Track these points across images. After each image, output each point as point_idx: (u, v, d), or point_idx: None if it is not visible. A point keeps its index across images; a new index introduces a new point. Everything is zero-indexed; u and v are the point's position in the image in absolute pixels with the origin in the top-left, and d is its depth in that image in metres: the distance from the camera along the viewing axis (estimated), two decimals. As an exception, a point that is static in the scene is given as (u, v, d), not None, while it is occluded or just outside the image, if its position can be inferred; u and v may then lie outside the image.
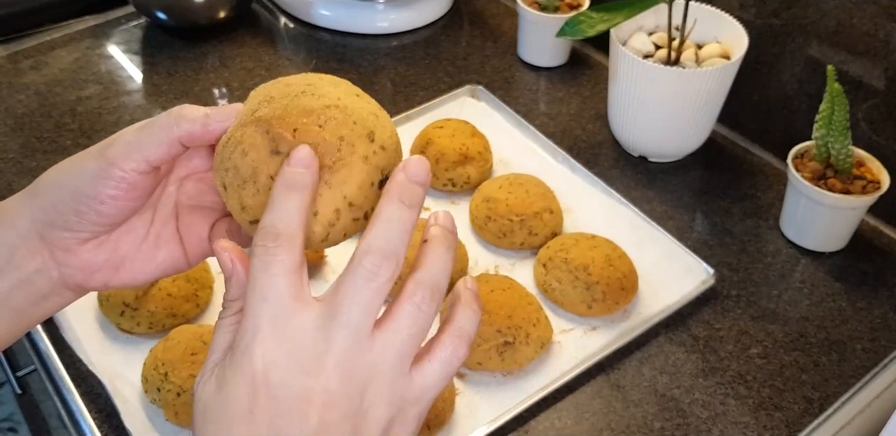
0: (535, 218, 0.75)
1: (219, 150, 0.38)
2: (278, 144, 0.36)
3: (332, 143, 0.36)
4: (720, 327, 0.71)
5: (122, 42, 1.04)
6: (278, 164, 0.35)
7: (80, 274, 0.40)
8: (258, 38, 1.05)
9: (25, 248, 0.39)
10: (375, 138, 0.37)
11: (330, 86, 0.38)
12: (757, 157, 0.88)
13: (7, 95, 0.95)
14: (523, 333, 0.65)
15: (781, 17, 0.80)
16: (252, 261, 0.34)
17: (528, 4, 0.95)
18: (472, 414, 0.64)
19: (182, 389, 0.60)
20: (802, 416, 0.65)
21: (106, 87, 0.97)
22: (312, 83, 0.38)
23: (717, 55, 0.81)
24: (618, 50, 0.79)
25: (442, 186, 0.82)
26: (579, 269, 0.69)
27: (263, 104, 0.37)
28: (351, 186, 0.37)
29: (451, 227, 0.38)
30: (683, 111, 0.80)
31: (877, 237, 0.79)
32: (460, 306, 0.38)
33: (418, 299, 0.36)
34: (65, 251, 0.39)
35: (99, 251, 0.40)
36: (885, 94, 0.75)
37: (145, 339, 0.68)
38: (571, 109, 0.94)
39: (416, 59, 1.02)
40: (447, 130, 0.82)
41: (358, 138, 0.36)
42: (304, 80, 0.39)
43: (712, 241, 0.79)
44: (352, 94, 0.38)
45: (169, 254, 0.43)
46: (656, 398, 0.66)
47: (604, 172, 0.85)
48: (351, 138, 0.36)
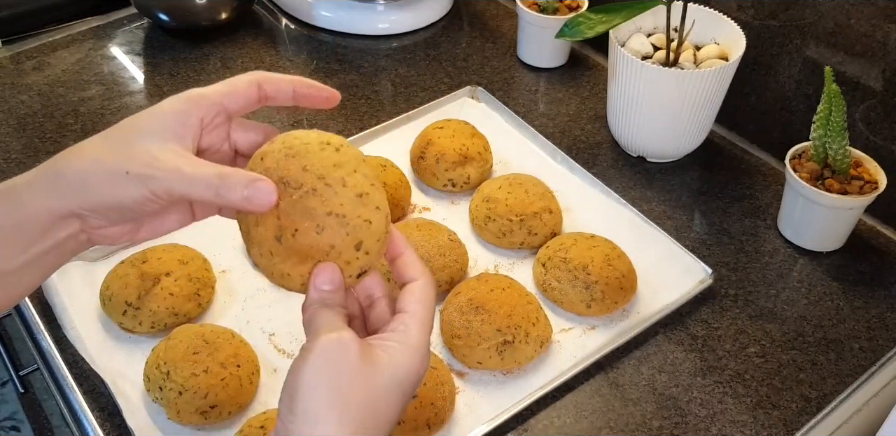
0: (534, 218, 0.75)
1: (240, 217, 0.45)
2: (282, 235, 0.43)
3: (324, 249, 0.43)
4: (718, 326, 0.72)
5: (125, 43, 1.05)
6: (277, 245, 0.43)
7: (107, 239, 0.45)
8: (259, 40, 1.06)
9: (60, 224, 0.42)
10: (362, 247, 0.43)
11: (346, 173, 0.43)
12: (755, 157, 0.89)
13: (10, 96, 0.95)
14: (523, 332, 0.65)
15: (779, 19, 0.81)
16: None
17: (528, 6, 0.95)
18: (471, 413, 0.64)
19: (184, 387, 0.61)
20: (800, 414, 0.65)
21: (108, 87, 0.97)
22: (325, 172, 0.43)
23: (716, 56, 0.82)
24: (617, 51, 0.79)
25: (442, 186, 0.82)
26: (578, 268, 0.70)
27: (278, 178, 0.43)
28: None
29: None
30: (682, 112, 0.80)
31: (874, 237, 0.79)
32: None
33: None
34: (96, 227, 0.43)
35: (125, 224, 0.45)
36: (883, 95, 0.75)
37: (147, 338, 0.69)
38: (570, 110, 0.95)
39: (416, 60, 1.03)
40: (447, 131, 0.82)
41: (346, 248, 0.43)
42: (321, 162, 0.43)
43: (710, 240, 0.79)
44: (361, 193, 0.43)
45: (180, 215, 0.47)
46: (655, 397, 0.66)
47: (603, 173, 0.86)
48: (340, 247, 0.43)
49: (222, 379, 0.62)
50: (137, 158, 0.41)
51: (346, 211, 0.42)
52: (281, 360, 0.68)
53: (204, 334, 0.64)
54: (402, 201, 0.79)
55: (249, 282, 0.74)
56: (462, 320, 0.66)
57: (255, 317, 0.71)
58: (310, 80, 0.47)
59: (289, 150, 0.43)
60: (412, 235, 0.72)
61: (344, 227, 0.42)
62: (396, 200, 0.78)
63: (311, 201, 0.42)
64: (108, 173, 0.41)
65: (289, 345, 0.69)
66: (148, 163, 0.41)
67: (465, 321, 0.66)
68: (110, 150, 0.42)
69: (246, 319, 0.71)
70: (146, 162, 0.41)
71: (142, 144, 0.41)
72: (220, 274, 0.74)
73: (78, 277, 0.72)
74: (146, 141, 0.42)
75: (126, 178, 0.41)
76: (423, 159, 0.82)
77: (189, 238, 0.76)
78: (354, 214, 0.43)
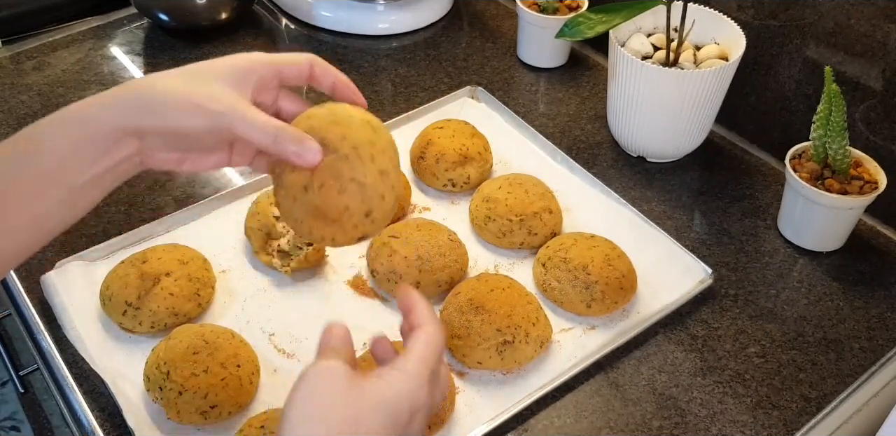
0: (534, 218, 0.75)
1: (276, 162, 0.50)
2: (309, 186, 0.48)
3: (339, 207, 0.48)
4: (718, 326, 0.72)
5: (125, 43, 1.05)
6: (303, 193, 0.49)
7: (156, 163, 0.49)
8: (259, 40, 1.06)
9: (122, 142, 0.47)
10: (371, 215, 0.49)
11: (377, 151, 0.49)
12: (755, 157, 0.89)
13: (10, 96, 0.96)
14: (523, 332, 0.65)
15: (779, 19, 0.81)
16: None
17: (528, 6, 0.95)
18: (471, 412, 0.64)
19: (183, 387, 0.61)
20: (800, 415, 0.65)
21: (108, 87, 0.96)
22: (360, 145, 0.48)
23: (716, 56, 0.82)
24: (617, 51, 0.79)
25: (442, 186, 0.82)
26: (578, 268, 0.70)
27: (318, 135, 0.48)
28: (336, 242, 0.51)
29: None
30: (682, 112, 0.80)
31: (874, 237, 0.79)
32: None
33: None
34: (152, 149, 0.48)
35: (176, 153, 0.50)
36: (883, 95, 0.75)
37: (147, 338, 0.69)
38: (570, 110, 0.95)
39: (417, 60, 1.03)
40: (447, 131, 0.82)
41: (357, 212, 0.49)
42: (359, 136, 0.49)
43: (710, 240, 0.79)
44: (383, 171, 0.49)
45: (219, 158, 0.52)
46: (655, 397, 0.66)
47: (603, 173, 0.86)
48: (353, 210, 0.48)
49: (222, 379, 0.62)
50: (209, 96, 0.47)
51: (367, 181, 0.48)
52: (281, 360, 0.68)
53: (204, 333, 0.64)
54: (402, 201, 0.79)
55: (249, 282, 0.74)
56: (462, 320, 0.66)
57: (255, 317, 0.71)
58: (350, 81, 0.53)
59: (334, 116, 0.49)
60: (412, 235, 0.72)
61: (361, 194, 0.48)
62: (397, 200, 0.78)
63: (342, 165, 0.48)
64: (182, 102, 0.47)
65: (289, 345, 0.69)
66: (218, 100, 0.47)
67: (465, 321, 0.66)
68: (185, 83, 0.48)
69: (246, 319, 0.71)
70: (216, 99, 0.47)
71: (213, 84, 0.48)
72: (220, 274, 0.74)
73: (78, 277, 0.72)
74: (217, 83, 0.48)
75: (196, 108, 0.47)
76: (423, 159, 0.82)
77: (189, 238, 0.76)
78: (373, 186, 0.49)
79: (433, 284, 0.71)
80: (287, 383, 0.66)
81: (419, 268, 0.70)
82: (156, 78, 0.48)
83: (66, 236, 0.77)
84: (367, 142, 0.49)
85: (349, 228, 0.49)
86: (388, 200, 0.50)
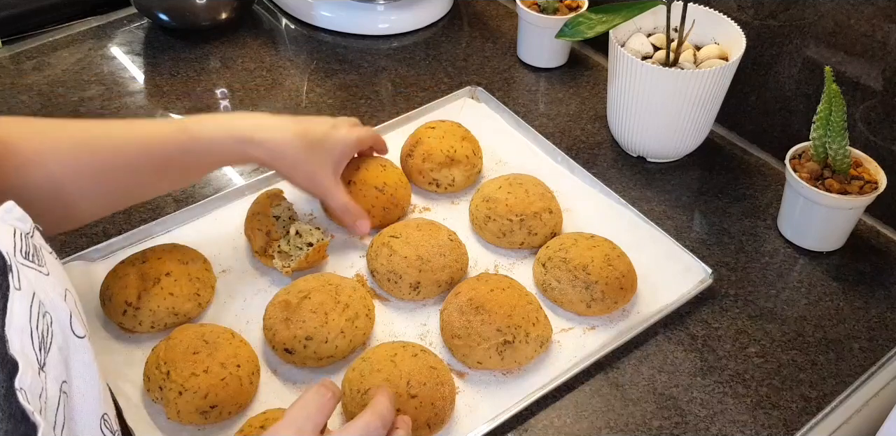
0: (534, 218, 0.75)
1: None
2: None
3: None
4: (718, 326, 0.72)
5: (125, 43, 1.05)
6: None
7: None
8: (259, 40, 1.06)
9: (232, 154, 0.69)
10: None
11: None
12: (755, 157, 0.89)
13: (10, 96, 0.96)
14: (523, 332, 0.65)
15: (779, 19, 0.81)
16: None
17: (528, 6, 0.95)
18: (472, 412, 0.64)
19: (183, 387, 0.61)
20: (800, 415, 0.65)
21: (108, 87, 0.97)
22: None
23: (716, 56, 0.82)
24: (617, 51, 0.79)
25: (427, 184, 0.82)
26: (578, 268, 0.70)
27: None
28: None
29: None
30: (682, 112, 0.80)
31: (874, 237, 0.79)
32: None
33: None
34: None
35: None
36: (883, 95, 0.75)
37: (147, 338, 0.69)
38: (570, 110, 0.95)
39: (416, 60, 1.03)
40: (438, 131, 0.82)
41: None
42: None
43: (710, 240, 0.79)
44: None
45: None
46: (655, 397, 0.66)
47: (603, 173, 0.86)
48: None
49: (222, 379, 0.62)
50: (321, 171, 0.71)
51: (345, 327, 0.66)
52: (281, 360, 0.68)
53: (204, 333, 0.64)
54: (402, 201, 0.79)
55: (249, 282, 0.74)
56: (462, 320, 0.66)
57: (255, 317, 0.71)
58: (384, 141, 0.81)
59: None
60: (412, 235, 0.72)
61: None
62: (396, 200, 0.78)
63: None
64: (301, 170, 0.71)
65: (289, 345, 0.69)
66: (325, 176, 0.72)
67: (465, 321, 0.66)
68: (309, 153, 0.70)
69: (246, 320, 0.71)
70: (324, 175, 0.72)
71: (326, 163, 0.72)
72: (220, 274, 0.74)
73: (78, 277, 0.72)
74: (328, 164, 0.72)
75: (309, 178, 0.71)
76: (411, 157, 0.82)
77: (189, 238, 0.76)
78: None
79: (433, 284, 0.71)
80: (287, 383, 0.66)
81: (419, 268, 0.70)
82: (276, 132, 0.69)
83: (66, 236, 0.77)
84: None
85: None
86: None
